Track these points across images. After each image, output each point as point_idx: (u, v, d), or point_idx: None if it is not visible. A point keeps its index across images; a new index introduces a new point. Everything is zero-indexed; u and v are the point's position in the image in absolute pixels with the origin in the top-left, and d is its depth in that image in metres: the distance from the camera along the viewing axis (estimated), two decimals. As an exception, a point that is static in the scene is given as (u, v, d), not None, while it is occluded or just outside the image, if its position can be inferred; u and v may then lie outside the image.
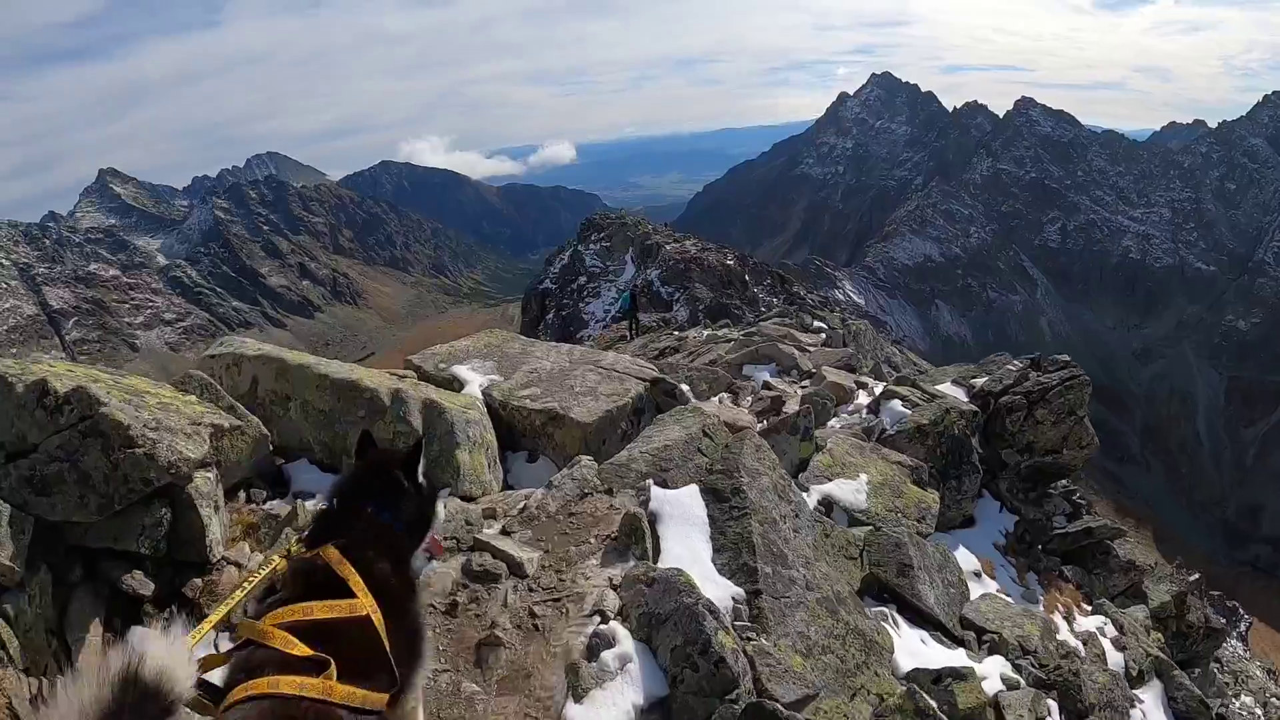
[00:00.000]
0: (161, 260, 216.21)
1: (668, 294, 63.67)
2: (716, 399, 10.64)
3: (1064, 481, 11.44)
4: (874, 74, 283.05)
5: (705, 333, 27.68)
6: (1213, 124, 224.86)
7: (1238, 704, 12.97)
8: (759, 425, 9.00)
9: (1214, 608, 16.25)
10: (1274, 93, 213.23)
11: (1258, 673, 18.03)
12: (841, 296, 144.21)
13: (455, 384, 8.94)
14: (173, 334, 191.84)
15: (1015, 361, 11.43)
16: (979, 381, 11.10)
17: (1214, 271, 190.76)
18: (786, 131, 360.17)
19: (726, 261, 70.80)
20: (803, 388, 11.10)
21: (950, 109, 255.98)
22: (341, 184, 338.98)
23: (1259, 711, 22.72)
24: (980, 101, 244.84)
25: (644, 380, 9.22)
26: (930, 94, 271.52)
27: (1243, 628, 25.54)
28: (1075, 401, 10.52)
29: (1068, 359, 11.02)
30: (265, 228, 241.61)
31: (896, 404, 9.84)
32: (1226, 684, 13.62)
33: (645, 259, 71.27)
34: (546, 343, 10.32)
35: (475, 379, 8.76)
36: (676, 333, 31.82)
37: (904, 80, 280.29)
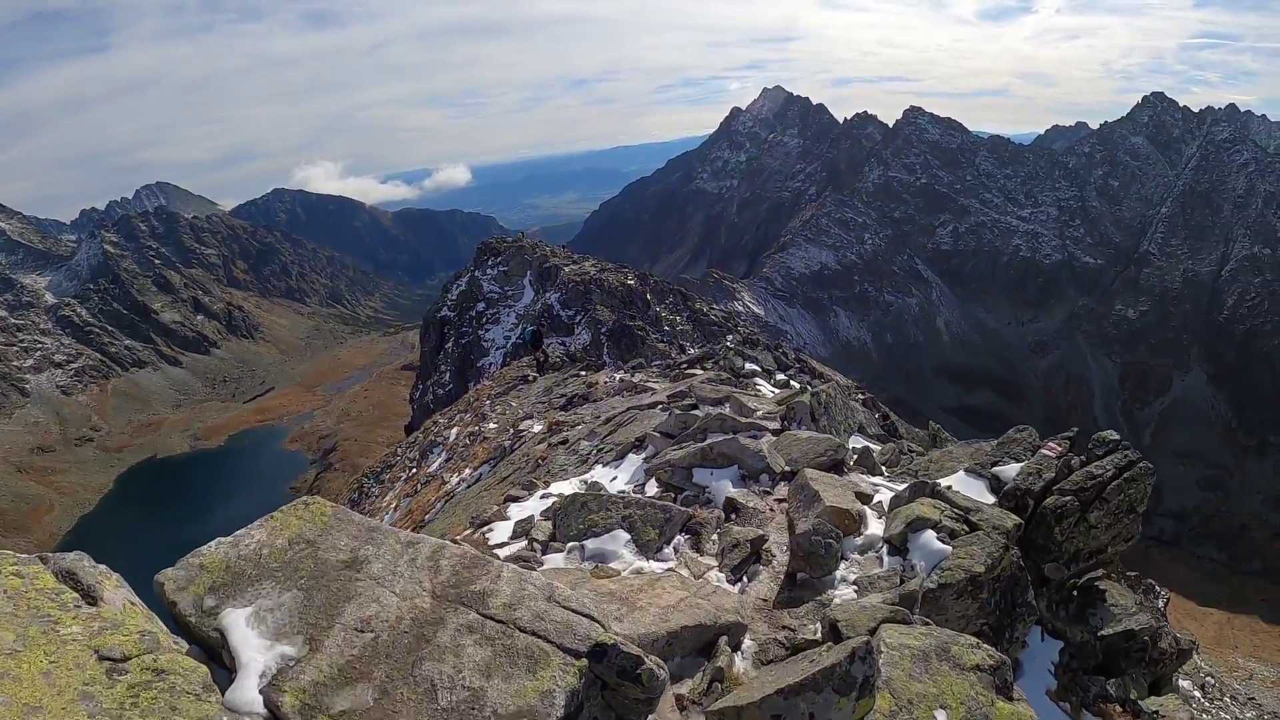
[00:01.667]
0: (50, 299, 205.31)
1: (568, 317, 62.37)
2: (671, 548, 7.63)
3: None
4: (765, 88, 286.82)
5: (618, 376, 24.81)
6: (1095, 125, 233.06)
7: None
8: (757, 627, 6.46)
9: (1138, 589, 14.31)
10: (1153, 94, 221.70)
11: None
12: (741, 308, 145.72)
13: (221, 649, 4.71)
14: (64, 376, 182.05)
15: (1050, 444, 8.57)
16: (1006, 473, 8.27)
17: (1101, 265, 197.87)
18: (681, 147, 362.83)
19: (627, 281, 69.86)
20: (780, 500, 8.40)
21: (841, 120, 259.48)
22: (234, 213, 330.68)
23: (1197, 694, 21.32)
24: (870, 112, 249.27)
25: (575, 655, 4.76)
26: (821, 106, 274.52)
27: (1160, 604, 24.10)
28: (1137, 496, 7.85)
29: (1117, 438, 8.28)
30: (157, 261, 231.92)
31: (929, 536, 6.92)
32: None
33: (544, 282, 69.45)
34: (395, 538, 5.63)
35: (255, 656, 4.49)
36: (584, 374, 28.85)
37: (795, 93, 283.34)
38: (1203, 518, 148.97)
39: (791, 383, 19.63)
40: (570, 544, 7.69)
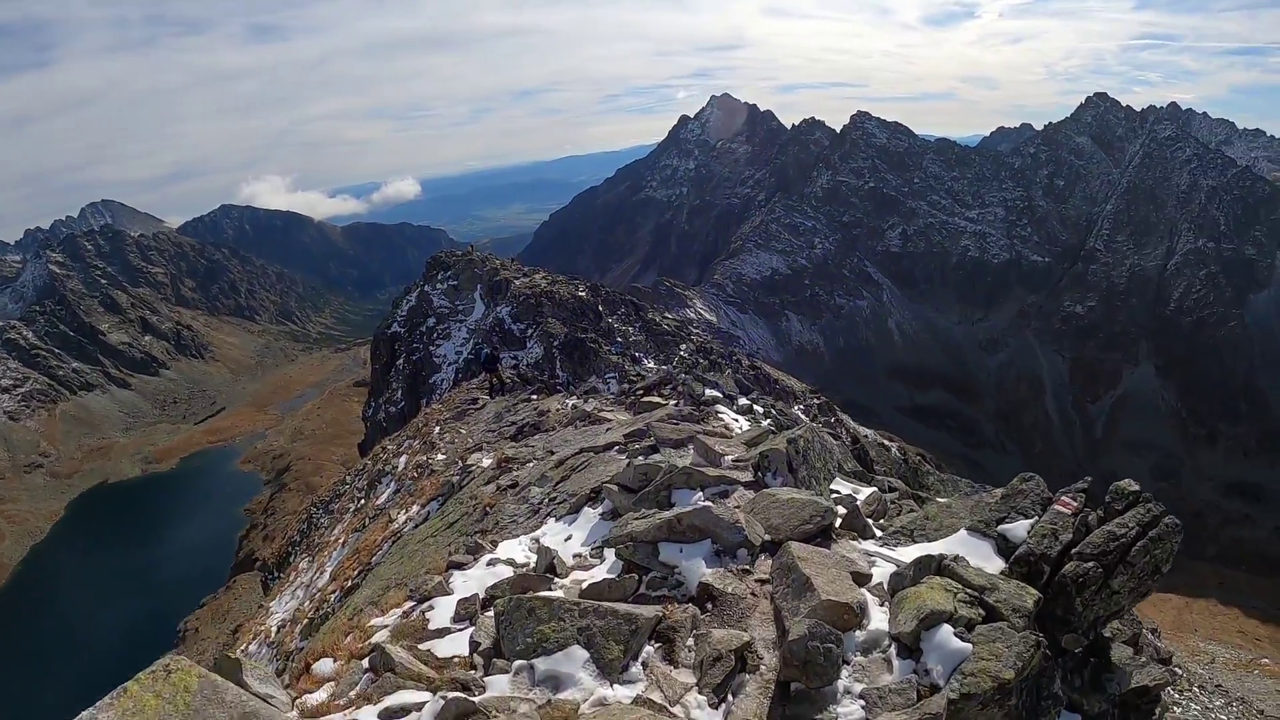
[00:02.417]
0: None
1: (520, 331, 61.54)
2: (639, 663, 6.13)
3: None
4: (713, 96, 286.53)
5: (570, 402, 23.54)
6: (1039, 126, 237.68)
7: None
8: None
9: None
10: (1095, 94, 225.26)
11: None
12: (694, 315, 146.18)
13: None
14: (10, 401, 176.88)
15: (1064, 499, 7.48)
16: (1015, 533, 7.21)
17: (1049, 262, 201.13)
18: (629, 156, 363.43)
19: (578, 293, 69.55)
20: (761, 581, 7.19)
21: (789, 126, 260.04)
22: (181, 231, 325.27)
23: (1168, 689, 20.77)
24: (817, 118, 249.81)
25: None
26: (769, 113, 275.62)
27: (1146, 631, 23.41)
28: (1163, 556, 6.85)
29: (1136, 489, 7.26)
30: (103, 281, 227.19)
31: (946, 634, 5.77)
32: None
33: (495, 296, 68.42)
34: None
35: None
36: (535, 399, 27.64)
37: (743, 100, 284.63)
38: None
39: (755, 407, 18.59)
40: (518, 662, 6.36)
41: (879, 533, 8.64)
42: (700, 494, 8.95)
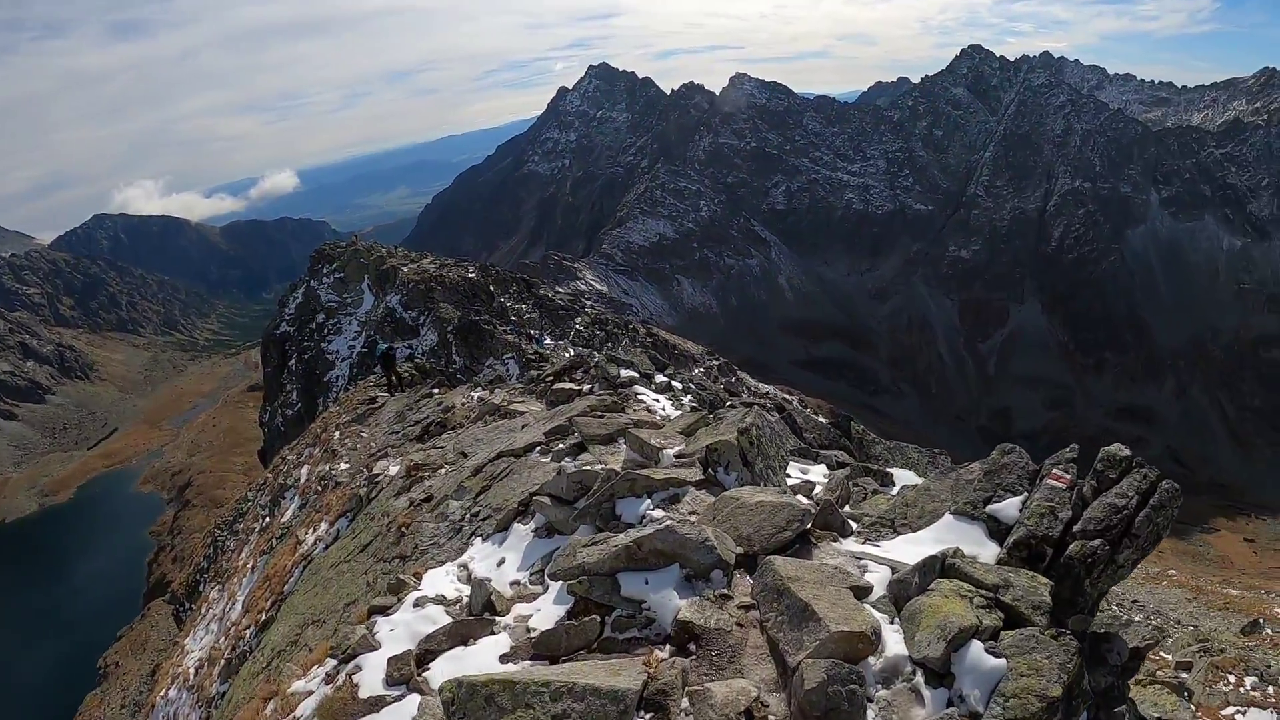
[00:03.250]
0: None
1: (412, 319, 59.86)
2: None
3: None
4: (591, 66, 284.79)
5: (476, 394, 22.19)
6: (916, 80, 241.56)
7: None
8: None
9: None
10: (970, 46, 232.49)
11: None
12: (585, 287, 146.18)
13: None
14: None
15: (1056, 471, 6.69)
16: (1005, 512, 6.41)
17: (932, 210, 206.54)
18: (509, 132, 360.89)
19: (468, 275, 68.28)
20: (745, 607, 6.12)
21: (668, 92, 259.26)
22: (54, 246, 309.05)
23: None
24: (697, 82, 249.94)
25: None
26: (648, 79, 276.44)
27: None
28: (1164, 524, 6.16)
29: (1127, 453, 6.53)
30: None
31: (977, 651, 4.90)
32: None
33: (383, 285, 66.39)
34: None
35: None
36: (438, 393, 26.22)
37: (621, 69, 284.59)
38: (1052, 435, 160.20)
39: (673, 384, 17.68)
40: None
41: (855, 525, 7.76)
42: (648, 501, 7.90)
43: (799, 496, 8.39)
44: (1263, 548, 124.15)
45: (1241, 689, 18.25)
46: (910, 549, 6.69)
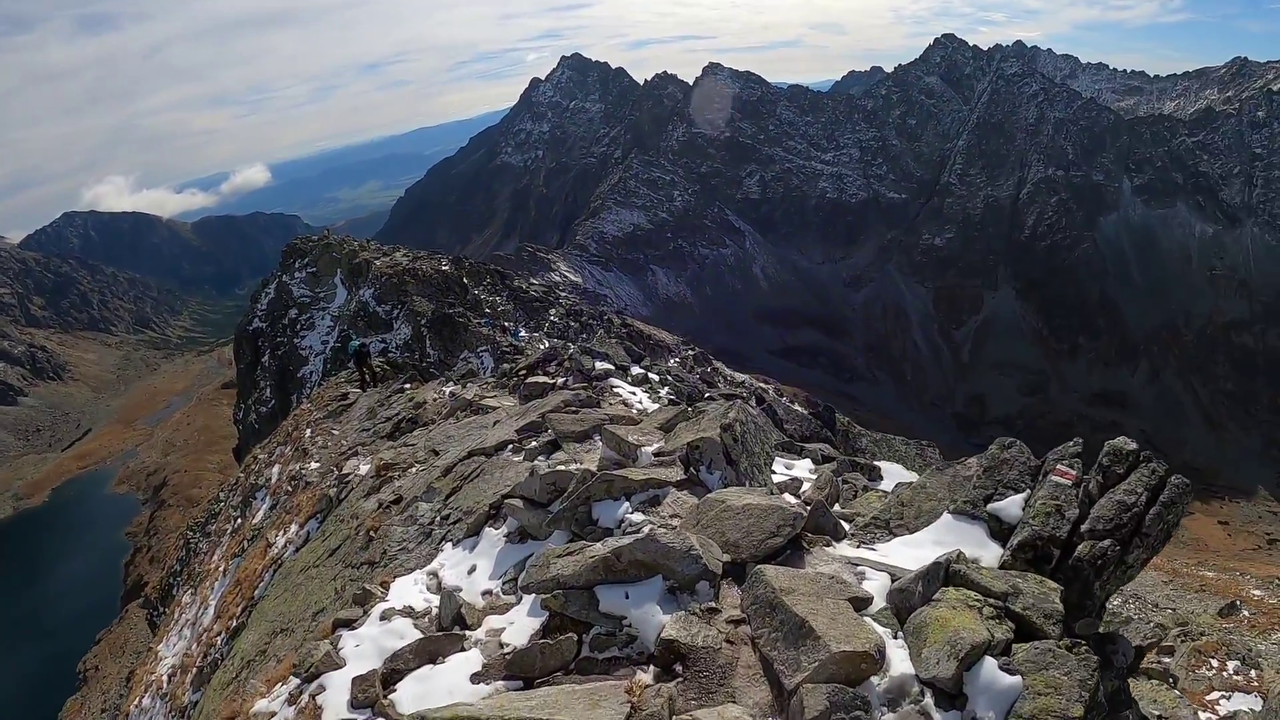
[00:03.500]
0: None
1: (385, 313, 59.35)
2: None
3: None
4: (564, 56, 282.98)
5: (448, 389, 21.53)
6: (889, 69, 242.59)
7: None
8: None
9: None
10: (944, 35, 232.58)
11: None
12: (559, 278, 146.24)
13: None
14: None
15: (1061, 467, 6.26)
16: (1007, 511, 5.99)
17: (905, 199, 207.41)
18: (482, 124, 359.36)
19: (441, 268, 68.04)
20: (734, 621, 5.59)
21: (641, 82, 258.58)
22: (23, 245, 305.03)
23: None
24: (670, 71, 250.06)
25: None
26: (621, 70, 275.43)
27: None
28: (1174, 520, 5.80)
29: (1134, 447, 6.13)
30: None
31: (990, 668, 4.45)
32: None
33: (356, 279, 65.76)
34: None
35: None
36: (409, 388, 25.60)
37: (594, 59, 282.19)
38: (1028, 421, 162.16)
39: (650, 376, 17.25)
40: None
41: (848, 527, 7.32)
42: (626, 504, 7.43)
43: (787, 496, 7.88)
44: (1236, 530, 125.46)
45: (1224, 673, 18.15)
46: (909, 552, 6.28)
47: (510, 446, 11.60)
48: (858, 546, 6.80)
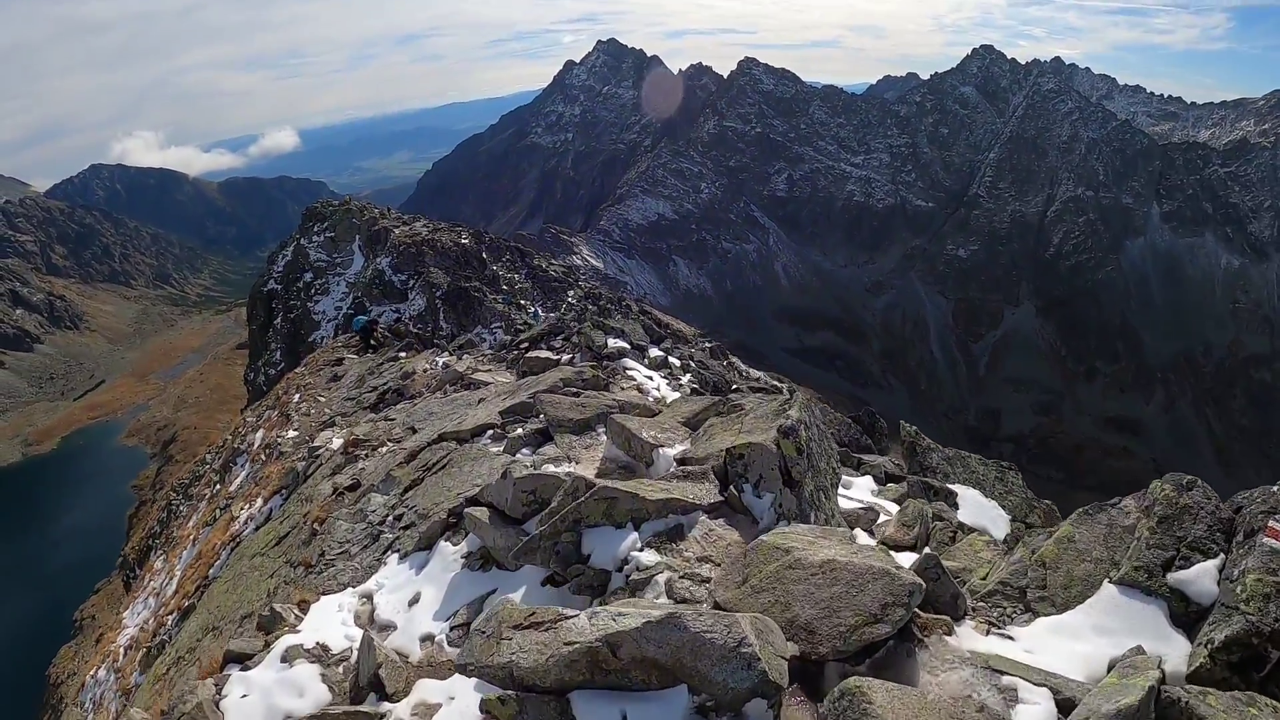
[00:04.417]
0: None
1: (401, 282, 57.25)
2: None
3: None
4: (600, 41, 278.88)
5: (441, 360, 19.26)
6: (925, 76, 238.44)
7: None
8: None
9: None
10: (982, 46, 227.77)
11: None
12: (580, 262, 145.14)
13: None
14: None
15: (1276, 525, 4.25)
16: (1198, 586, 3.90)
17: (932, 207, 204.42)
18: (514, 103, 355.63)
19: (461, 241, 65.42)
20: None
21: (675, 72, 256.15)
22: (49, 195, 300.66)
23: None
24: (705, 63, 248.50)
25: None
26: (656, 57, 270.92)
27: None
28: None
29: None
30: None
31: None
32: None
33: (374, 247, 63.81)
34: None
35: None
36: (403, 357, 23.45)
37: (630, 46, 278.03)
38: (1039, 440, 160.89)
39: (670, 359, 14.99)
40: None
41: (970, 598, 5.15)
42: (634, 534, 5.19)
43: (862, 537, 5.66)
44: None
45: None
46: (1065, 646, 4.11)
47: (490, 432, 9.45)
48: (987, 633, 4.53)
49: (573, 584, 4.99)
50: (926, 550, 4.87)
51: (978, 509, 8.04)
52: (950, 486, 8.34)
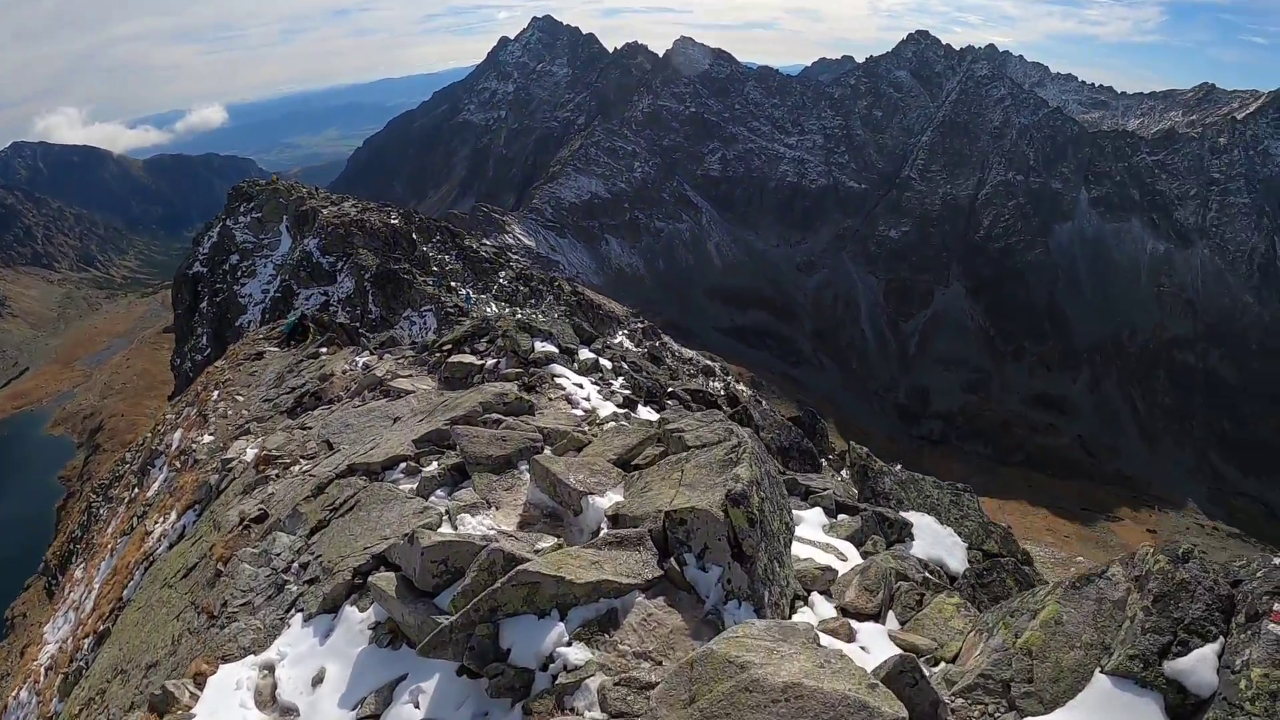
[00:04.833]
0: None
1: (329, 264, 56.25)
2: None
3: None
4: (535, 17, 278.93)
5: (360, 360, 18.36)
6: (861, 60, 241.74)
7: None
8: None
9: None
10: (917, 31, 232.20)
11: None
12: (512, 241, 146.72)
13: None
14: None
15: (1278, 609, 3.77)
16: (1196, 677, 3.40)
17: (865, 189, 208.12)
18: (447, 79, 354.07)
19: (390, 221, 64.92)
20: None
21: (610, 50, 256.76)
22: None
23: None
24: (640, 42, 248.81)
25: None
26: (591, 35, 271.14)
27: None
28: None
29: None
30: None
31: None
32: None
33: (302, 227, 62.61)
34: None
35: None
36: (324, 353, 22.42)
37: (565, 23, 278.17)
38: (968, 417, 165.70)
39: (602, 362, 14.42)
40: None
41: (948, 691, 4.54)
42: (559, 626, 4.51)
43: (828, 607, 5.05)
44: (1163, 539, 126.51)
45: None
46: None
47: (403, 465, 8.81)
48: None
49: (490, 685, 4.31)
50: (899, 660, 4.20)
51: (934, 539, 7.62)
52: (905, 516, 7.87)
